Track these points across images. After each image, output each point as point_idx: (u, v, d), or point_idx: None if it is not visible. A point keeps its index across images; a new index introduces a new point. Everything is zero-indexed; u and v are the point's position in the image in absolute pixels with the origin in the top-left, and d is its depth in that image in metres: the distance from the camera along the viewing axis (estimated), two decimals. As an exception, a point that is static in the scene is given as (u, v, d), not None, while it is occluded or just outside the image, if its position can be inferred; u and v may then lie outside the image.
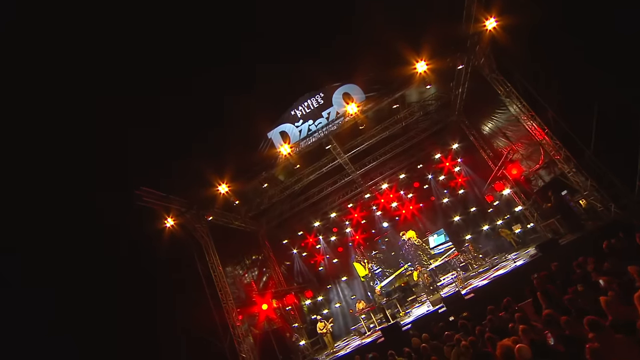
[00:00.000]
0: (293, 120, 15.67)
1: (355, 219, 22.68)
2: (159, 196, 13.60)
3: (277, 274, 20.70)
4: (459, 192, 21.62)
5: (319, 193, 20.86)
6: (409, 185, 22.21)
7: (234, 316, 14.77)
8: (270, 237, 21.93)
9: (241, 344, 14.35)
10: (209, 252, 15.59)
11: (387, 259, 22.09)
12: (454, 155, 21.11)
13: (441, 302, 12.79)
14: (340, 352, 13.96)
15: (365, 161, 20.53)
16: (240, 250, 19.17)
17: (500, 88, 13.04)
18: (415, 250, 18.13)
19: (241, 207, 18.87)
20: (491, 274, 14.05)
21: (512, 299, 8.38)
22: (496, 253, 18.99)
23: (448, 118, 19.71)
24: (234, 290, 16.52)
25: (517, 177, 14.48)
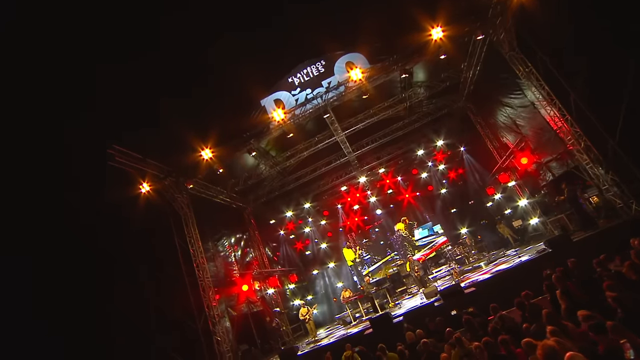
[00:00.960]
0: (290, 87, 14.33)
1: (349, 203, 21.57)
2: (135, 158, 12.24)
3: (262, 255, 19.58)
4: (459, 183, 20.61)
5: (312, 173, 19.61)
6: (407, 172, 21.12)
7: (211, 296, 13.62)
8: (257, 216, 20.72)
9: (216, 325, 13.25)
10: (188, 226, 14.33)
11: (377, 247, 21.19)
12: (457, 143, 19.98)
13: (437, 294, 11.80)
14: (322, 342, 12.96)
15: (363, 142, 19.31)
16: (224, 227, 17.94)
17: (520, 68, 11.84)
18: (402, 242, 17.35)
19: (227, 181, 17.56)
20: (491, 269, 13.10)
21: (526, 296, 7.33)
22: (493, 248, 18.11)
23: (454, 104, 18.52)
24: (213, 268, 15.35)
25: (527, 168, 13.42)
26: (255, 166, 17.71)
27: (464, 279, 13.24)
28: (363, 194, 21.36)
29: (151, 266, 13.68)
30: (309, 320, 14.44)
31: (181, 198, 14.46)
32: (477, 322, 6.93)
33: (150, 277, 13.61)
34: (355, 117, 17.12)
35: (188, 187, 13.56)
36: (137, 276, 13.62)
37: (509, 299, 8.80)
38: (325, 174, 20.22)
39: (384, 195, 21.47)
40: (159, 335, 13.05)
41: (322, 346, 12.19)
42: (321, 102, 13.29)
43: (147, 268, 13.64)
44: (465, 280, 12.90)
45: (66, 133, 12.88)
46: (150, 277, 13.61)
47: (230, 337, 14.36)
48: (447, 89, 17.11)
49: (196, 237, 14.35)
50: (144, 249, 13.45)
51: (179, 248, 13.96)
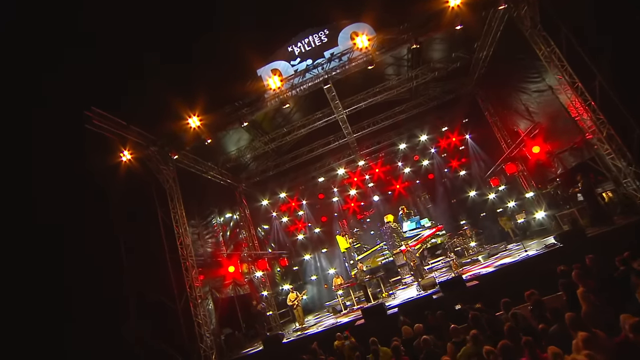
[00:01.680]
0: (289, 57, 13.24)
1: (354, 183, 20.67)
2: (115, 123, 11.18)
3: (252, 237, 18.73)
4: (461, 172, 19.76)
5: (309, 153, 18.63)
6: (408, 158, 20.19)
7: (194, 276, 12.77)
8: (249, 196, 19.80)
9: (197, 307, 12.44)
10: (173, 200, 13.37)
11: (367, 236, 20.48)
12: (462, 130, 19.05)
13: (435, 286, 11.03)
14: (310, 330, 12.22)
15: (363, 124, 18.29)
16: (213, 205, 17.00)
17: (541, 47, 10.81)
18: (391, 233, 16.75)
19: (218, 157, 16.57)
20: (492, 262, 12.33)
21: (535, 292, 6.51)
22: (493, 241, 17.36)
23: (462, 88, 17.50)
24: (198, 247, 14.48)
25: (539, 158, 12.53)
26: (249, 142, 16.70)
27: (463, 272, 12.48)
28: (361, 178, 20.46)
29: (130, 240, 12.78)
30: (297, 306, 13.68)
31: (167, 170, 13.46)
32: (486, 320, 6.11)
33: (128, 251, 12.71)
34: (358, 94, 16.07)
35: (173, 157, 12.51)
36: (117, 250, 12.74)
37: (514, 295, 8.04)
38: (322, 156, 19.26)
39: (383, 180, 20.60)
40: (137, 314, 12.22)
41: (309, 335, 11.46)
42: (322, 72, 12.20)
43: (126, 242, 12.74)
44: (464, 273, 12.15)
45: (44, 87, 11.78)
46: (128, 251, 12.71)
47: (213, 320, 13.60)
48: (456, 71, 16.05)
49: (181, 213, 13.41)
50: (123, 221, 12.52)
51: (162, 223, 13.03)
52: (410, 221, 17.51)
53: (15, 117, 11.06)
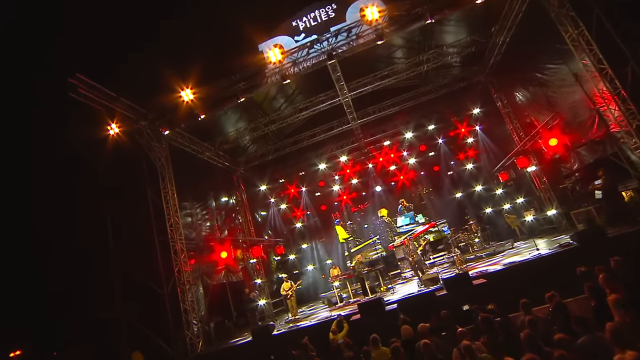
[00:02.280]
0: (293, 32, 12.33)
1: (347, 175, 19.91)
2: (103, 93, 10.39)
3: (248, 223, 18.02)
4: (468, 165, 18.91)
5: (311, 138, 17.82)
6: (414, 148, 19.33)
7: (183, 260, 12.12)
8: (247, 180, 19.06)
9: (185, 292, 11.81)
10: (164, 180, 12.66)
11: (360, 230, 19.78)
12: (472, 121, 18.15)
13: (438, 283, 10.33)
14: (303, 322, 11.57)
15: (368, 110, 17.44)
16: (209, 188, 16.28)
17: (569, 29, 9.88)
18: (384, 227, 16.10)
19: (215, 137, 15.78)
20: (499, 260, 11.59)
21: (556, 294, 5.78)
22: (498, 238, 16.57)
23: (475, 76, 16.58)
24: (190, 230, 13.81)
25: (556, 151, 11.68)
26: (248, 124, 15.88)
27: (468, 268, 11.75)
28: (363, 166, 19.66)
29: (117, 218, 12.11)
30: (291, 296, 13.04)
31: (159, 148, 12.72)
32: (499, 324, 5.38)
33: (115, 230, 12.06)
34: (365, 77, 15.20)
35: (164, 132, 11.72)
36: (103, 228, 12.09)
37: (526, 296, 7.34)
38: (324, 142, 18.43)
39: (387, 170, 19.79)
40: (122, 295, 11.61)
41: (301, 327, 10.82)
42: (327, 47, 11.31)
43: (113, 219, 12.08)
44: (469, 270, 11.42)
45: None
46: (115, 230, 12.06)
47: (201, 307, 12.99)
48: (470, 56, 15.13)
49: (172, 194, 12.71)
50: (110, 198, 11.84)
51: (151, 203, 12.33)
52: (405, 216, 16.86)
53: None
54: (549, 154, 12.16)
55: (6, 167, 10.90)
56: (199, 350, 11.37)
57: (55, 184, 11.93)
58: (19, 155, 11.28)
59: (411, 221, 16.55)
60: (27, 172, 12.16)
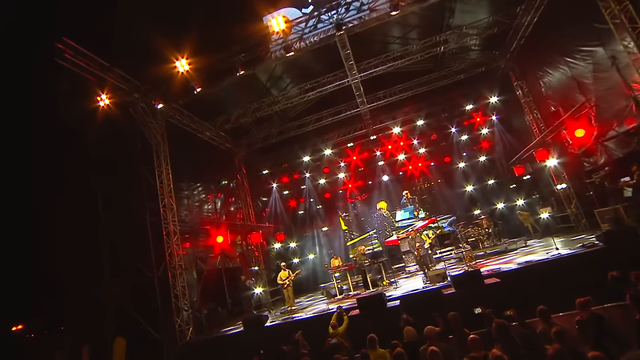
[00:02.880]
0: (301, 3, 11.37)
1: (354, 162, 19.06)
2: (92, 61, 9.67)
3: (249, 208, 17.36)
4: (482, 157, 17.95)
5: (317, 122, 16.99)
6: (425, 136, 18.38)
7: (175, 242, 11.52)
8: (249, 163, 18.32)
9: (177, 277, 11.23)
10: (159, 157, 12.02)
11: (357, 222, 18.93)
12: (488, 110, 17.11)
13: (445, 279, 9.56)
14: (298, 314, 10.92)
15: (379, 94, 16.51)
16: (208, 170, 15.61)
17: (611, 4, 8.79)
18: (382, 221, 15.28)
19: (216, 117, 15.03)
20: (513, 258, 10.76)
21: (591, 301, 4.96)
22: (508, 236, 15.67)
23: (494, 62, 15.50)
24: (186, 213, 13.18)
25: (584, 143, 10.70)
26: (251, 104, 15.06)
27: (477, 265, 10.95)
28: (371, 154, 18.78)
29: (108, 195, 11.50)
30: (288, 286, 12.40)
31: (155, 124, 12.04)
32: (518, 334, 4.61)
33: (106, 207, 11.46)
34: (376, 58, 14.23)
35: (157, 105, 10.99)
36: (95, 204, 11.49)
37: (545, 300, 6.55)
38: (331, 126, 17.57)
39: (396, 159, 18.91)
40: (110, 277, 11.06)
41: (296, 320, 10.17)
42: (336, 19, 10.40)
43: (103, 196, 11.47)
44: (478, 267, 10.62)
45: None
46: (106, 207, 11.46)
47: (195, 293, 12.43)
48: (491, 39, 14.06)
49: (167, 173, 12.06)
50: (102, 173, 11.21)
51: (145, 181, 11.70)
52: (404, 210, 16.00)
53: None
54: (575, 146, 11.16)
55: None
56: (188, 337, 10.83)
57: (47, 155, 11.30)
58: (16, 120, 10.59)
59: (410, 215, 15.70)
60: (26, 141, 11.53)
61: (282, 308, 12.82)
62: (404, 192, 17.07)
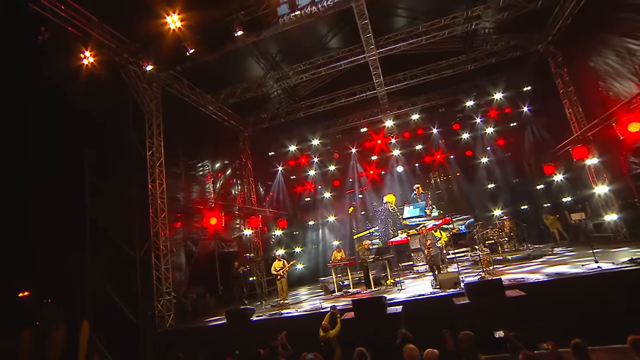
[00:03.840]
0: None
1: (366, 149, 17.73)
2: (77, 12, 8.60)
3: (250, 191, 16.28)
4: (508, 153, 16.32)
5: (329, 103, 15.70)
6: (446, 125, 16.83)
7: (162, 221, 10.55)
8: (255, 144, 17.19)
9: (161, 258, 10.28)
10: (151, 127, 11.02)
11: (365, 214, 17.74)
12: (519, 100, 15.41)
13: (457, 286, 8.25)
14: (289, 310, 9.80)
15: (398, 76, 15.05)
16: (209, 147, 14.55)
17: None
18: (387, 217, 13.86)
19: (220, 89, 13.92)
20: (539, 267, 9.35)
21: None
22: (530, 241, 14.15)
23: (532, 46, 13.75)
24: (178, 190, 12.20)
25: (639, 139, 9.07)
26: (258, 78, 13.86)
27: (496, 272, 9.59)
28: (385, 140, 17.36)
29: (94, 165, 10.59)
30: (282, 277, 11.32)
31: (149, 91, 11.01)
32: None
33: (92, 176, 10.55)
34: (398, 32, 12.76)
35: (145, 66, 9.90)
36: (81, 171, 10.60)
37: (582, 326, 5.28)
38: (344, 109, 16.22)
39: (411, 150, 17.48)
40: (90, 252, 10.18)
41: (285, 317, 9.09)
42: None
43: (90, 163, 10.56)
44: (497, 275, 9.26)
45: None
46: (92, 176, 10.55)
47: (181, 276, 11.52)
48: (531, 18, 12.32)
49: (159, 145, 11.08)
50: (86, 138, 10.27)
51: (134, 152, 10.72)
52: (414, 207, 14.46)
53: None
54: (628, 143, 9.51)
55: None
56: (167, 325, 9.91)
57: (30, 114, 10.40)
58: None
59: (421, 213, 14.20)
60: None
61: (275, 300, 11.77)
62: (414, 186, 15.66)
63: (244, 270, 12.76)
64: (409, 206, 15.75)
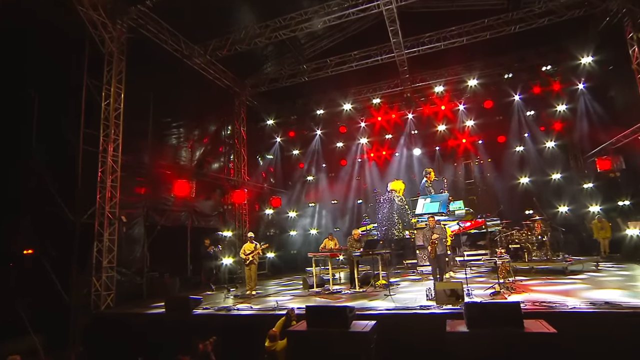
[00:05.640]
0: None
1: (379, 123, 15.29)
2: None
3: (242, 161, 14.34)
4: (551, 142, 13.43)
5: (337, 66, 13.40)
6: (475, 102, 14.06)
7: (111, 183, 8.88)
8: (251, 109, 15.18)
9: (105, 227, 8.64)
10: (111, 71, 9.26)
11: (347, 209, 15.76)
12: (574, 74, 12.40)
13: (458, 302, 5.98)
14: (243, 305, 7.84)
15: (423, 38, 12.46)
16: (193, 107, 12.66)
17: None
18: (390, 210, 11.29)
19: (208, 40, 11.93)
20: (578, 287, 6.87)
21: None
22: (568, 250, 11.40)
23: (601, 3, 10.75)
24: (143, 150, 10.47)
25: None
26: (253, 25, 11.67)
27: (516, 288, 7.20)
28: (399, 114, 14.83)
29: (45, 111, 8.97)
30: (251, 263, 9.42)
31: (110, 28, 9.18)
32: None
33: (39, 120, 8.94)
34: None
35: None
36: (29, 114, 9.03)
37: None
38: (355, 74, 13.81)
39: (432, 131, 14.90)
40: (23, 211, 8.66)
41: (233, 314, 7.22)
42: None
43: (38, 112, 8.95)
44: (517, 291, 6.89)
45: None
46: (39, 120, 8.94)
47: (137, 250, 9.91)
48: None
49: (118, 94, 9.34)
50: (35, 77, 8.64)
51: (86, 98, 8.98)
52: (432, 199, 11.49)
53: None
54: None
55: None
56: (102, 307, 8.30)
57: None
58: None
59: (441, 209, 11.38)
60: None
61: (242, 291, 9.86)
62: (425, 171, 12.84)
63: (215, 250, 11.01)
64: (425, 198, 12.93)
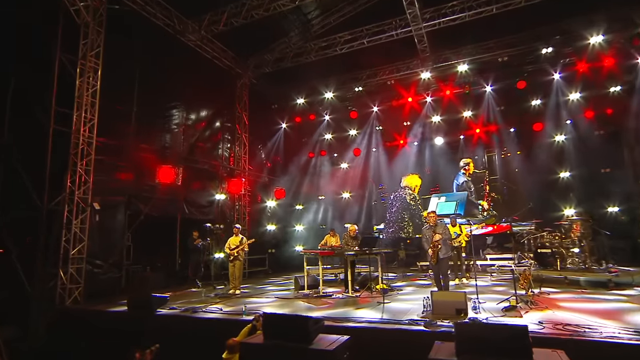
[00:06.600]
0: None
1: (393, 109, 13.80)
2: None
3: (244, 149, 13.32)
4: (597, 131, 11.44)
5: (348, 43, 12.08)
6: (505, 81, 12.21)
7: (84, 166, 8.13)
8: (255, 92, 14.10)
9: (75, 214, 7.89)
10: (86, 43, 8.48)
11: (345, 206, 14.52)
12: (632, 48, 10.34)
13: (461, 315, 4.65)
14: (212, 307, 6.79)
15: (445, 8, 10.83)
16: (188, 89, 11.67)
17: None
18: (400, 208, 9.76)
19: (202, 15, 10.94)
20: (624, 307, 5.29)
21: None
22: (614, 258, 9.54)
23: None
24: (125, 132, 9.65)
25: None
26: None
27: (540, 303, 5.71)
28: (417, 97, 13.19)
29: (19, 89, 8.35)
30: (235, 259, 8.42)
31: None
32: None
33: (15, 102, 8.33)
34: None
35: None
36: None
37: None
38: (367, 52, 12.33)
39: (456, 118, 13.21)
40: None
41: (197, 317, 6.24)
42: None
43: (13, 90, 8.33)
44: (540, 307, 5.43)
45: None
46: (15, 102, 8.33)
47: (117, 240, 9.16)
48: None
49: (94, 69, 8.55)
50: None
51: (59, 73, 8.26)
52: (447, 199, 9.92)
53: None
54: None
55: None
56: (67, 302, 7.57)
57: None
58: None
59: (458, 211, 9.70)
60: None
61: (225, 290, 8.83)
62: (463, 161, 11.31)
63: (203, 244, 10.09)
64: (439, 197, 11.34)
